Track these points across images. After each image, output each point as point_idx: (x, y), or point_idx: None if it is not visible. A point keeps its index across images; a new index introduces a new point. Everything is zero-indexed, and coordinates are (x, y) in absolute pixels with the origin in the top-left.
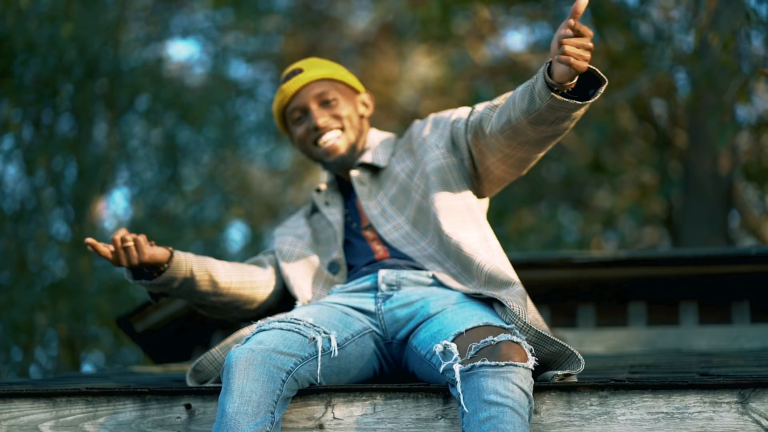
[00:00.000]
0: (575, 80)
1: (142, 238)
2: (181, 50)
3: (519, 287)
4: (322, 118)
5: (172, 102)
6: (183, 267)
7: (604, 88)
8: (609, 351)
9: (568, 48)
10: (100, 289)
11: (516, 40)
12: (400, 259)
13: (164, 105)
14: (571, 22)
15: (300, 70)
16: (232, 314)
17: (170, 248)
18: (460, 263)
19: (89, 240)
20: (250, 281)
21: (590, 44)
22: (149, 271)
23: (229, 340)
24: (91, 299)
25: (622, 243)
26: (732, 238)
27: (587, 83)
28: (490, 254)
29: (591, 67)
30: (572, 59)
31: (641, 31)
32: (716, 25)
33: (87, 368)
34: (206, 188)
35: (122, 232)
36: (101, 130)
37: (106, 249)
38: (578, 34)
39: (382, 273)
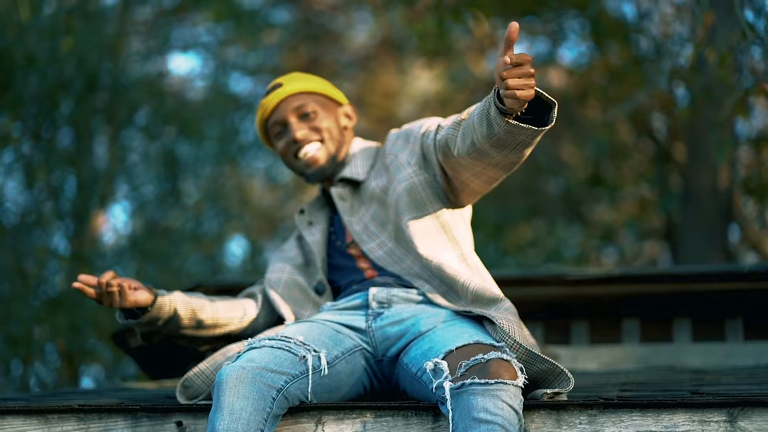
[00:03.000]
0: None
1: (126, 284)
2: (182, 64)
3: (507, 303)
4: (300, 131)
5: (172, 116)
6: (166, 308)
7: (556, 110)
8: (602, 368)
9: (510, 81)
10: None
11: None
12: (389, 276)
13: (164, 119)
14: (507, 58)
15: (279, 85)
16: (218, 344)
17: (155, 291)
18: (445, 284)
19: (76, 284)
20: (240, 317)
21: (531, 70)
22: (138, 311)
23: (218, 355)
24: (89, 313)
25: (622, 258)
26: (732, 253)
27: (540, 105)
28: (471, 272)
29: (539, 91)
30: (517, 91)
31: (641, 45)
32: (713, 41)
33: (86, 382)
34: (206, 202)
35: (108, 276)
36: (101, 144)
37: (91, 291)
38: (517, 64)
39: (373, 291)
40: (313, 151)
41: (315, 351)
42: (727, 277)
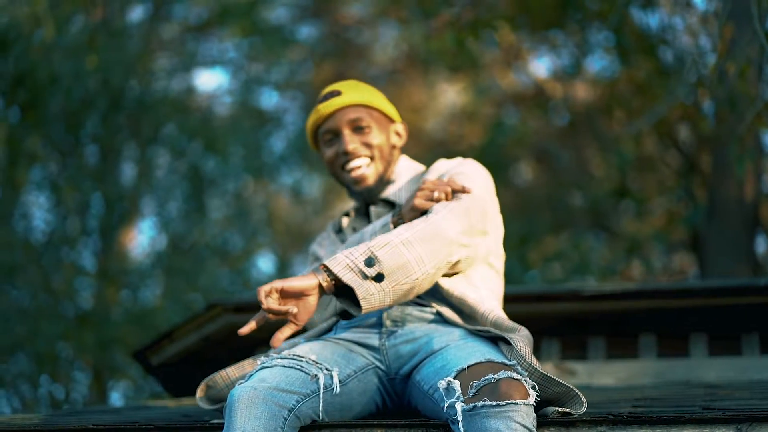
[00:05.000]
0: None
1: None
2: (209, 80)
3: (525, 331)
4: (352, 144)
5: (198, 132)
6: None
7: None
8: (619, 383)
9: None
10: (126, 319)
11: (540, 67)
12: None
13: (189, 135)
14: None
15: (338, 92)
16: None
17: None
18: (464, 312)
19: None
20: None
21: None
22: None
23: (246, 362)
24: (116, 329)
25: (649, 270)
26: (760, 264)
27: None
28: (490, 308)
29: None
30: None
31: (666, 56)
32: (733, 54)
33: (115, 397)
34: (233, 218)
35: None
36: (128, 160)
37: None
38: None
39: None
40: (363, 167)
41: (327, 369)
42: (743, 291)
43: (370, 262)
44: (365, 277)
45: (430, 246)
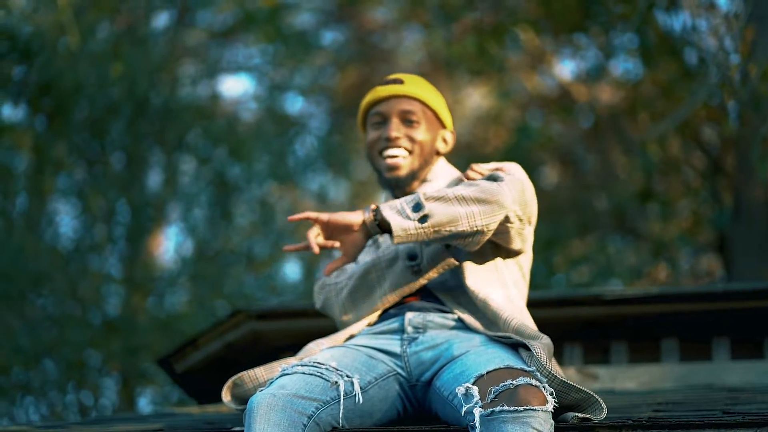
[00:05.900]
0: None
1: None
2: (233, 86)
3: (546, 339)
4: (396, 132)
5: (223, 138)
6: None
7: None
8: (641, 387)
9: None
10: (153, 326)
11: (565, 70)
12: (428, 302)
13: (214, 141)
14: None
15: (400, 81)
16: None
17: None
18: (487, 317)
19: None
20: None
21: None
22: None
23: (275, 363)
24: (143, 336)
25: (675, 273)
26: None
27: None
28: (515, 312)
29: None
30: None
31: (690, 58)
32: (755, 55)
33: (143, 404)
34: (258, 224)
35: None
36: (153, 167)
37: None
38: None
39: (409, 316)
40: (400, 158)
41: (348, 376)
42: (765, 294)
43: (417, 207)
44: (408, 219)
45: (487, 207)
